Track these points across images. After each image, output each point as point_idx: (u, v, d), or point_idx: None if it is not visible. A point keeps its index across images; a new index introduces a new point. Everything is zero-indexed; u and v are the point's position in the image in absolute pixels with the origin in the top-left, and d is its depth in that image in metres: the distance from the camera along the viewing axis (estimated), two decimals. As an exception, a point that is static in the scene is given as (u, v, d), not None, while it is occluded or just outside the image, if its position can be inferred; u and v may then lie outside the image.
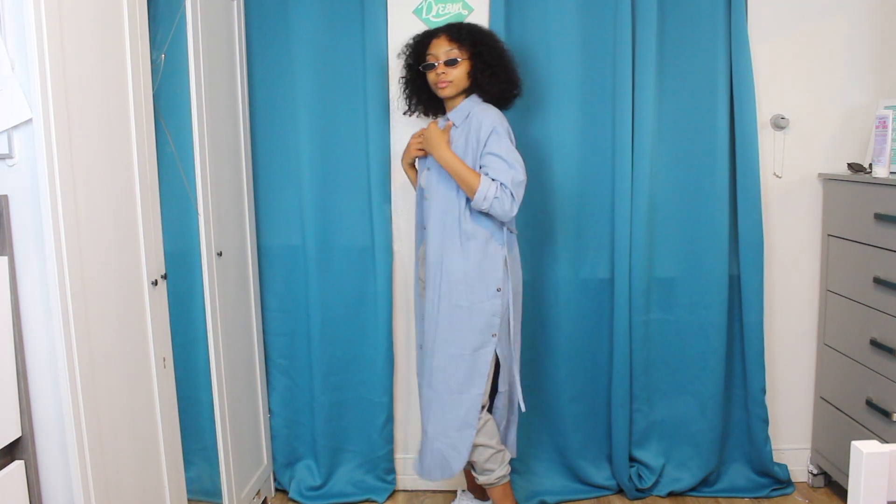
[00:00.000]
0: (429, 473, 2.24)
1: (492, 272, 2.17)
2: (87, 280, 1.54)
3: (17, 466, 1.48)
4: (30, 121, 1.42)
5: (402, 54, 2.33)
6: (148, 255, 1.80)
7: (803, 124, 2.62)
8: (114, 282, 1.66)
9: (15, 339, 1.47)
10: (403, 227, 2.66)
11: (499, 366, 2.25)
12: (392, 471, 2.73)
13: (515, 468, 2.58)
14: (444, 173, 2.19)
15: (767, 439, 2.65)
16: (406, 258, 2.68)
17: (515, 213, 2.12)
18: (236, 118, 2.44)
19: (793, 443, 2.76)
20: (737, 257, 2.60)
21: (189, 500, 2.02)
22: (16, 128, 1.43)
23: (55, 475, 1.53)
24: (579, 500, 2.67)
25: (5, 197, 1.45)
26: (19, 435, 1.49)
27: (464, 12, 2.56)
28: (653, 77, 2.50)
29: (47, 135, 1.41)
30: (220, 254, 2.23)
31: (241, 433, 2.39)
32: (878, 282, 2.30)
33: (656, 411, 2.69)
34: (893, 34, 2.58)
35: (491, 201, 2.09)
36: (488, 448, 2.23)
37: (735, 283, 2.62)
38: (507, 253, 2.20)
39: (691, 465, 2.68)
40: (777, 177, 2.65)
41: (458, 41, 2.20)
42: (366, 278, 2.64)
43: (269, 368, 2.70)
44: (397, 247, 2.67)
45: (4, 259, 1.45)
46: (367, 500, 2.70)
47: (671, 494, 2.68)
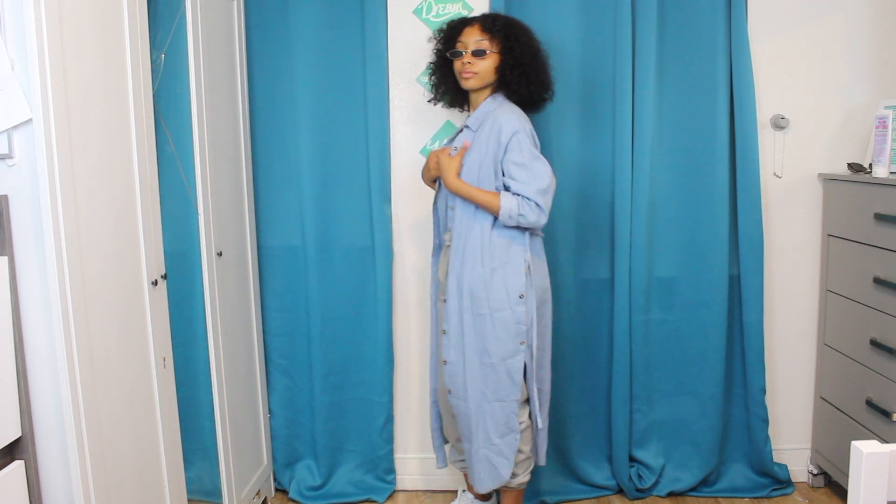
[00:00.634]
0: (481, 484, 2.18)
1: (514, 278, 2.10)
2: (87, 280, 1.54)
3: (17, 466, 1.48)
4: (30, 121, 1.42)
5: (433, 39, 2.26)
6: (148, 255, 1.80)
7: (803, 124, 2.62)
8: (114, 282, 1.66)
9: (15, 339, 1.47)
10: (403, 227, 2.66)
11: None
12: (392, 471, 2.73)
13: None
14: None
15: (767, 439, 2.65)
16: (406, 258, 2.68)
17: (545, 221, 2.07)
18: (236, 118, 2.44)
19: (793, 443, 2.76)
20: (737, 257, 2.60)
21: (189, 500, 2.02)
22: (16, 128, 1.43)
23: (55, 475, 1.53)
24: (579, 500, 2.68)
25: (5, 197, 1.45)
26: (19, 435, 1.49)
27: (464, 12, 2.56)
28: (653, 77, 2.50)
29: (47, 135, 1.41)
30: (220, 254, 2.23)
31: (241, 433, 2.39)
32: (878, 282, 2.30)
33: (656, 411, 2.69)
34: (893, 34, 2.58)
35: (517, 218, 2.04)
36: (520, 452, 2.20)
37: (735, 283, 2.62)
38: (532, 259, 2.13)
39: (691, 465, 2.68)
40: (777, 177, 2.65)
41: (490, 32, 2.12)
42: (366, 278, 2.64)
43: (269, 368, 2.70)
44: (397, 247, 2.67)
45: (4, 259, 1.45)
46: (367, 500, 2.70)
47: (671, 494, 2.68)
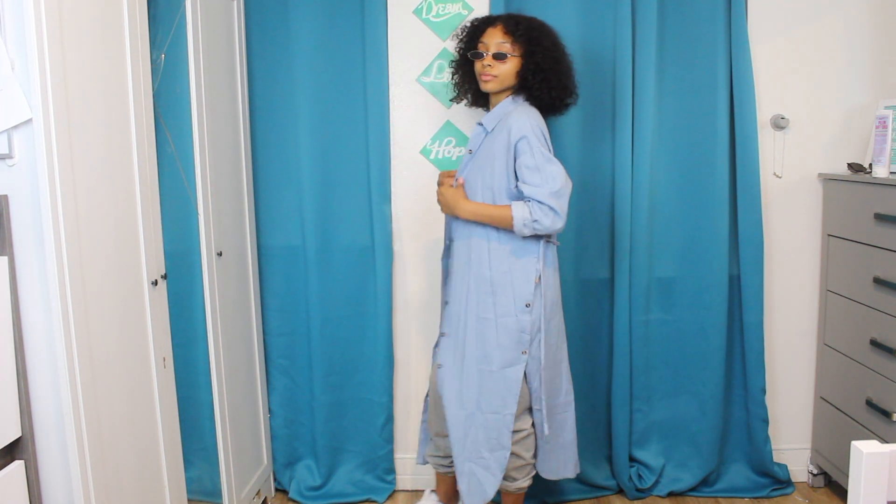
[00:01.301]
0: (465, 498, 2.15)
1: (522, 286, 2.07)
2: (87, 280, 1.54)
3: (17, 466, 1.48)
4: (30, 121, 1.42)
5: (455, 37, 2.24)
6: (148, 255, 1.80)
7: (803, 124, 2.62)
8: (114, 282, 1.66)
9: (15, 339, 1.47)
10: (403, 227, 2.66)
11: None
12: (392, 471, 2.73)
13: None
14: (473, 187, 2.11)
15: (767, 439, 2.65)
16: (406, 258, 2.68)
17: (562, 225, 2.01)
18: (236, 118, 2.44)
19: (793, 443, 2.76)
20: (737, 257, 2.60)
21: (189, 500, 2.02)
22: (16, 128, 1.43)
23: (55, 475, 1.53)
24: (579, 500, 2.68)
25: (5, 197, 1.45)
26: (19, 435, 1.49)
27: (464, 12, 2.56)
28: (653, 77, 2.50)
29: (47, 135, 1.41)
30: (220, 254, 2.23)
31: (241, 433, 2.39)
32: (878, 282, 2.30)
33: (656, 411, 2.69)
34: (893, 34, 2.58)
35: (532, 226, 2.00)
36: (520, 458, 2.18)
37: (735, 283, 2.62)
38: (543, 268, 2.09)
39: (691, 465, 2.68)
40: (777, 177, 2.65)
41: (512, 35, 2.07)
42: (366, 278, 2.64)
43: (269, 368, 2.70)
44: (397, 247, 2.67)
45: (4, 259, 1.45)
46: (367, 500, 2.70)
47: (671, 494, 2.68)
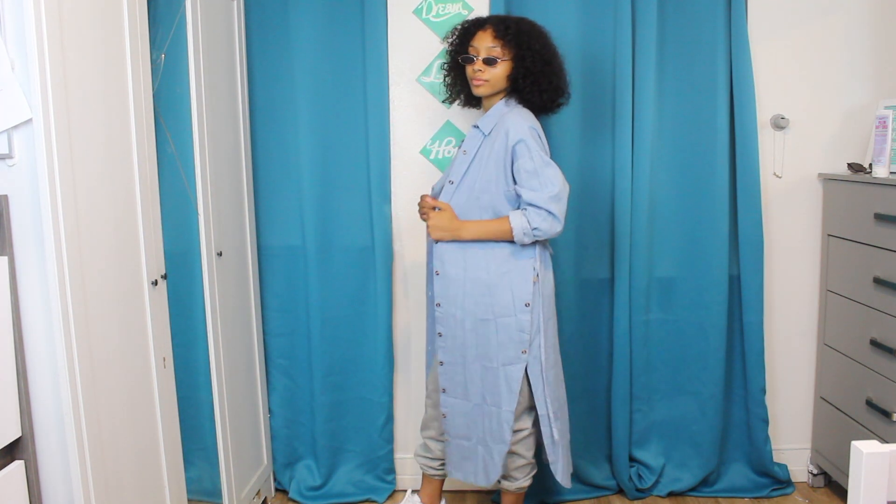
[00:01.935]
0: (474, 476, 2.19)
1: (520, 286, 2.07)
2: (87, 280, 1.54)
3: (17, 466, 1.48)
4: (30, 121, 1.42)
5: (446, 39, 2.24)
6: (148, 255, 1.80)
7: (803, 124, 2.62)
8: (114, 282, 1.66)
9: (15, 339, 1.47)
10: (403, 227, 2.66)
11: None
12: (392, 471, 2.73)
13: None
14: (472, 190, 2.09)
15: (767, 439, 2.65)
16: (406, 258, 2.68)
17: (561, 229, 2.01)
18: (236, 118, 2.44)
19: (793, 443, 2.76)
20: (737, 257, 2.60)
21: (189, 500, 2.02)
22: (16, 128, 1.43)
23: (55, 475, 1.53)
24: (579, 500, 2.68)
25: (5, 197, 1.45)
26: (19, 435, 1.49)
27: (464, 12, 2.56)
28: (653, 77, 2.50)
29: (47, 135, 1.41)
30: (220, 254, 2.23)
31: (241, 433, 2.39)
32: (878, 282, 2.30)
33: (656, 411, 2.69)
34: (893, 34, 2.58)
35: (532, 234, 2.00)
36: (521, 458, 2.20)
37: (735, 283, 2.62)
38: (541, 268, 2.10)
39: (691, 465, 2.68)
40: (777, 177, 2.65)
41: (503, 39, 2.07)
42: (366, 278, 2.64)
43: (269, 368, 2.70)
44: (397, 247, 2.67)
45: (4, 259, 1.45)
46: (367, 500, 2.70)
47: (671, 494, 2.68)
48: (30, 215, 1.46)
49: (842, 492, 2.67)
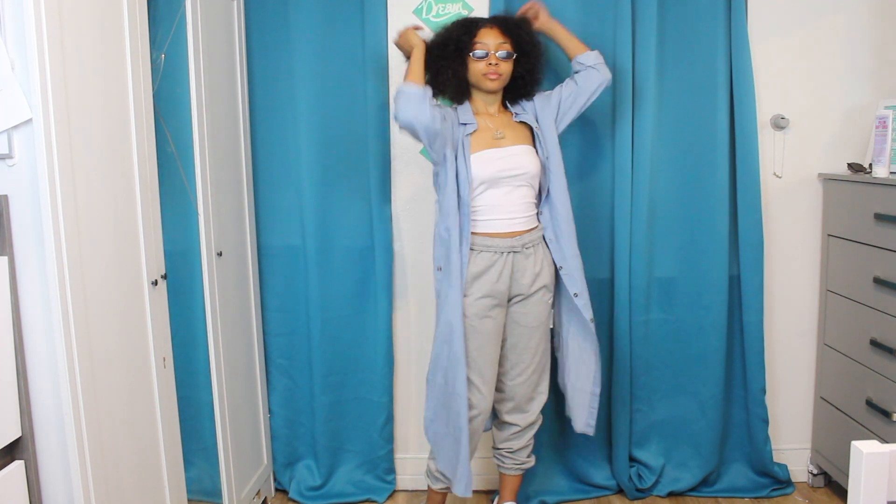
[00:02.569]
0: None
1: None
2: (87, 280, 1.54)
3: (17, 466, 1.48)
4: (30, 121, 1.42)
5: (440, 37, 2.20)
6: (148, 255, 1.80)
7: (803, 124, 2.62)
8: (114, 282, 1.66)
9: (15, 339, 1.47)
10: (403, 227, 2.66)
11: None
12: (392, 471, 2.73)
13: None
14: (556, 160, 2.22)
15: (767, 439, 2.65)
16: (406, 258, 2.68)
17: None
18: (236, 118, 2.44)
19: (793, 443, 2.76)
20: (737, 257, 2.60)
21: (189, 500, 2.02)
22: (16, 128, 1.43)
23: (55, 475, 1.53)
24: (579, 500, 2.68)
25: (5, 197, 1.45)
26: (19, 435, 1.49)
27: (464, 12, 2.56)
28: (653, 77, 2.50)
29: (47, 135, 1.41)
30: (220, 254, 2.23)
31: (241, 433, 2.39)
32: (878, 282, 2.30)
33: (656, 411, 2.69)
34: (893, 34, 2.58)
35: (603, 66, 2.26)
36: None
37: (735, 283, 2.62)
38: None
39: (691, 465, 2.68)
40: (777, 177, 2.65)
41: (510, 35, 2.17)
42: (366, 278, 2.64)
43: (269, 368, 2.70)
44: (397, 247, 2.67)
45: (4, 259, 1.45)
46: (367, 500, 2.70)
47: (671, 494, 2.68)
48: (30, 215, 1.46)
49: (842, 492, 2.67)
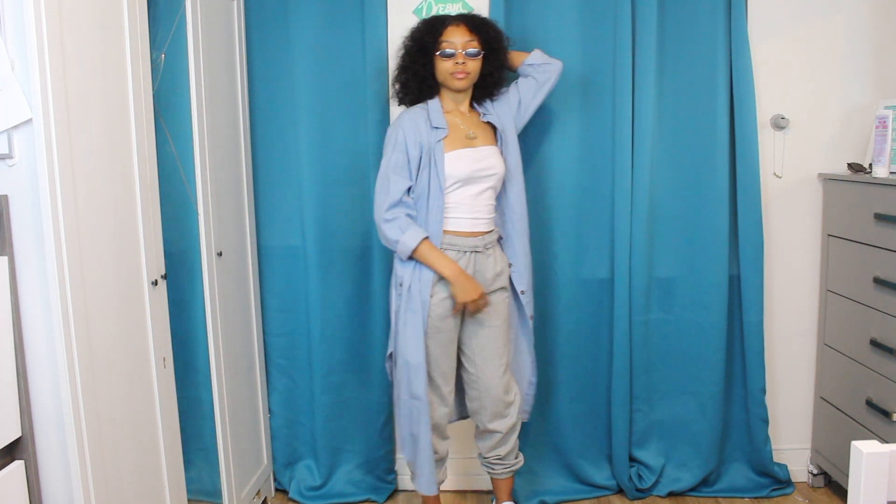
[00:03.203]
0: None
1: None
2: (87, 280, 1.54)
3: (17, 466, 1.48)
4: (30, 121, 1.42)
5: (407, 39, 2.23)
6: (148, 255, 1.80)
7: (803, 124, 2.62)
8: (114, 282, 1.66)
9: (15, 339, 1.47)
10: (403, 227, 2.66)
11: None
12: (392, 471, 2.73)
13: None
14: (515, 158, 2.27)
15: (767, 439, 2.65)
16: (406, 258, 2.68)
17: None
18: (236, 118, 2.44)
19: (793, 443, 2.76)
20: (737, 257, 2.60)
21: (189, 500, 2.02)
22: (16, 128, 1.43)
23: (55, 475, 1.53)
24: (579, 500, 2.67)
25: (5, 197, 1.45)
26: (19, 435, 1.49)
27: (464, 12, 2.55)
28: (653, 77, 2.50)
29: (47, 135, 1.41)
30: (220, 254, 2.23)
31: (241, 433, 2.39)
32: (878, 282, 2.30)
33: (656, 411, 2.69)
34: (893, 34, 2.58)
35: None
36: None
37: (735, 283, 2.62)
38: None
39: (691, 465, 2.68)
40: (777, 177, 2.65)
41: (477, 32, 2.18)
42: (366, 278, 2.64)
43: (269, 368, 2.70)
44: (397, 247, 2.66)
45: (4, 259, 1.45)
46: (367, 500, 2.70)
47: (671, 494, 2.68)
48: (30, 215, 1.46)
49: (842, 492, 2.67)
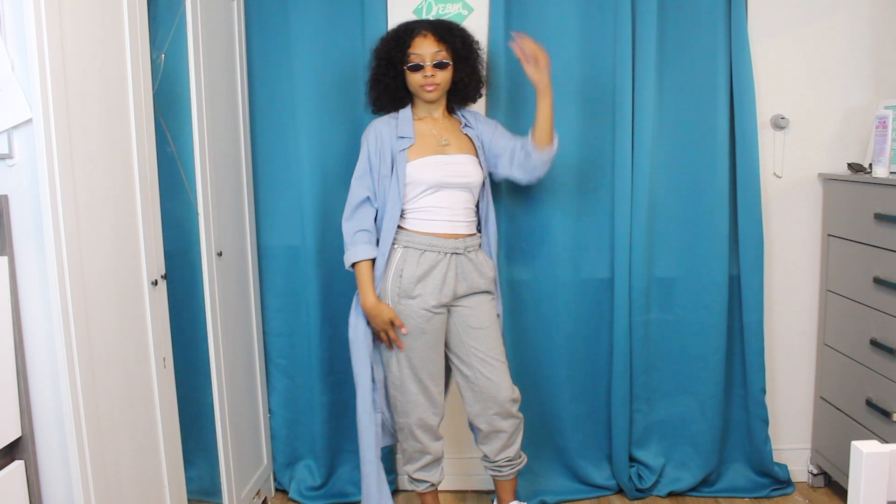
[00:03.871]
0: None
1: None
2: (87, 280, 1.54)
3: (17, 466, 1.48)
4: (30, 121, 1.42)
5: (376, 50, 2.24)
6: (148, 255, 1.80)
7: (803, 124, 2.62)
8: (114, 282, 1.66)
9: (15, 339, 1.47)
10: (403, 227, 2.66)
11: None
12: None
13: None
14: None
15: (767, 439, 2.65)
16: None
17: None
18: (236, 118, 2.44)
19: (793, 443, 2.76)
20: (737, 257, 2.60)
21: (189, 500, 2.02)
22: (16, 128, 1.43)
23: (55, 475, 1.53)
24: (579, 500, 2.67)
25: (5, 197, 1.45)
26: (19, 435, 1.49)
27: (464, 12, 2.56)
28: (653, 77, 2.50)
29: (47, 135, 1.41)
30: (220, 254, 2.23)
31: (241, 433, 2.39)
32: (878, 282, 2.30)
33: (656, 411, 2.69)
34: (893, 34, 2.58)
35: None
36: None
37: (735, 283, 2.62)
38: None
39: (691, 465, 2.68)
40: (777, 177, 2.65)
41: (445, 42, 2.16)
42: (366, 278, 2.64)
43: (269, 368, 2.70)
44: (397, 247, 2.66)
45: (4, 259, 1.45)
46: (367, 500, 2.70)
47: (671, 494, 2.68)
48: (30, 215, 1.46)
49: (842, 492, 2.67)
